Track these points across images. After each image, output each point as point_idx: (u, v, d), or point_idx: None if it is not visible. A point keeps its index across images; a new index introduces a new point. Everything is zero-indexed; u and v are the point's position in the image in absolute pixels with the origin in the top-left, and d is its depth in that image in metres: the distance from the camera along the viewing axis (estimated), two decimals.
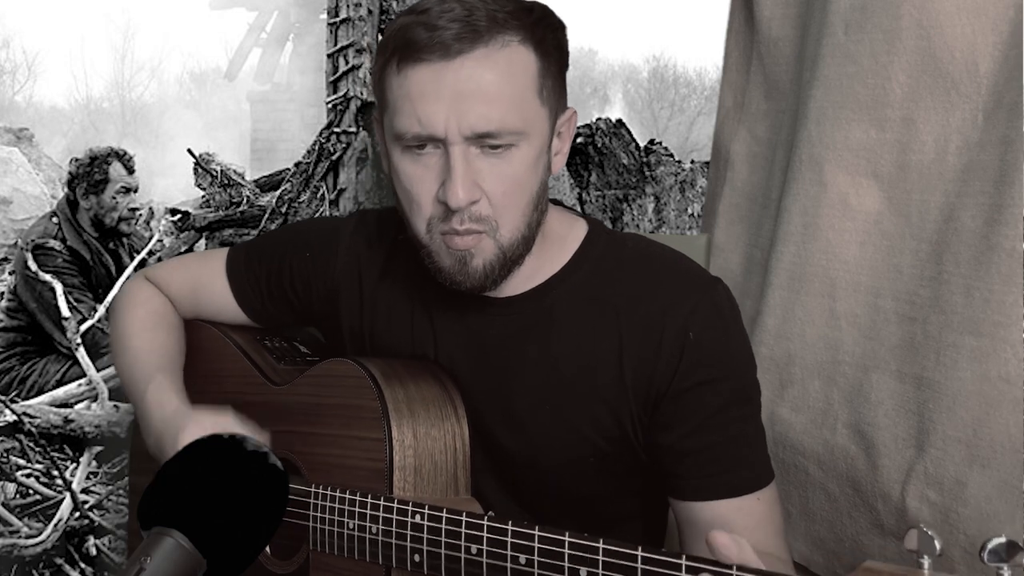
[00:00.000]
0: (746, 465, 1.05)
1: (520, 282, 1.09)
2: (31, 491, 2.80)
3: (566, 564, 0.89)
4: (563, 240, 1.11)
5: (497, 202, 0.99)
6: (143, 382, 1.18)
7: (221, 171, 5.41)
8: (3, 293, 3.93)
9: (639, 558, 0.84)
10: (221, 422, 1.08)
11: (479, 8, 0.97)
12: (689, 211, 4.86)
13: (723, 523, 1.01)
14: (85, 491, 2.80)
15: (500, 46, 0.97)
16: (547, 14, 1.02)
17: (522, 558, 0.92)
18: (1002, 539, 0.71)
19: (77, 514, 2.62)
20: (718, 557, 0.80)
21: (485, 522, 0.94)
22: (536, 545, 0.91)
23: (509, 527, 0.93)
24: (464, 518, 0.96)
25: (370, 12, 4.13)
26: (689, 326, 1.03)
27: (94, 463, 2.96)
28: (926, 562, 0.74)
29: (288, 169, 4.78)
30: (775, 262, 1.37)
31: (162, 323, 1.26)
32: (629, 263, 1.09)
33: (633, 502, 1.14)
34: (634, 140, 5.04)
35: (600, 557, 0.87)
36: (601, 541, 0.87)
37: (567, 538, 0.89)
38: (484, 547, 0.94)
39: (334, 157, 4.21)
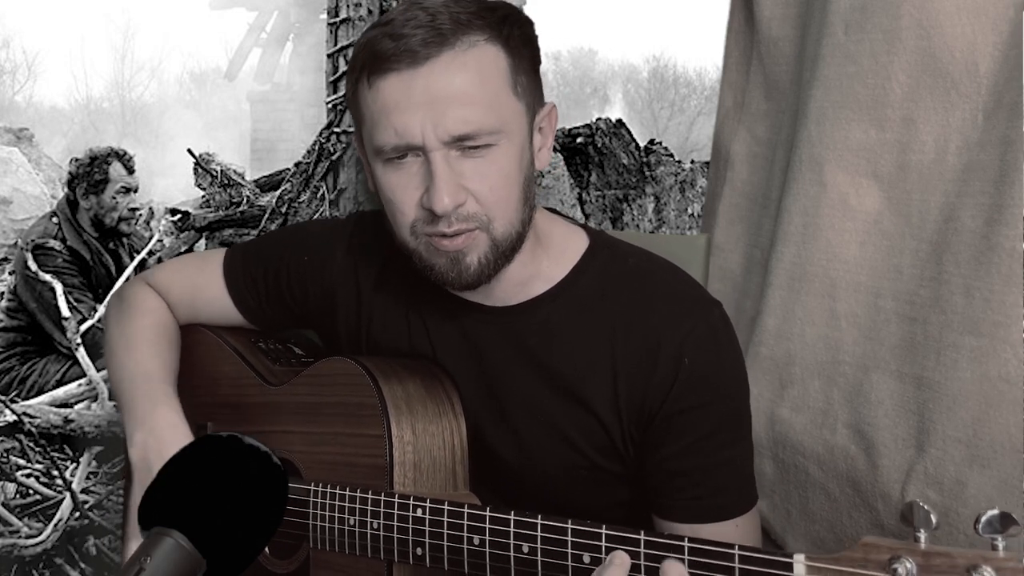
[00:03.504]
0: (728, 492, 1.06)
1: (517, 291, 1.09)
2: (31, 491, 2.80)
3: (569, 551, 0.90)
4: (562, 250, 1.11)
5: (485, 200, 0.99)
6: (151, 398, 1.16)
7: (221, 171, 5.41)
8: (3, 293, 3.93)
9: (642, 542, 0.85)
10: None
11: (442, 12, 0.97)
12: (689, 211, 4.86)
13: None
14: (85, 491, 2.80)
15: (467, 47, 0.97)
16: (512, 11, 1.03)
17: (525, 547, 0.92)
18: (996, 511, 0.72)
19: (77, 514, 2.63)
20: None
21: (487, 513, 0.95)
22: (539, 534, 0.91)
23: (511, 517, 0.94)
24: (466, 510, 0.96)
25: (370, 12, 4.13)
26: (684, 351, 1.03)
27: (94, 463, 2.96)
28: (923, 536, 0.75)
29: (288, 169, 4.78)
30: (775, 262, 1.37)
31: (166, 336, 1.25)
32: (629, 280, 1.09)
33: (622, 513, 1.14)
34: (634, 140, 5.03)
35: (603, 543, 0.87)
36: (604, 527, 0.88)
37: (569, 525, 0.90)
38: (487, 537, 0.95)
39: (334, 157, 4.20)
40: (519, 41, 1.02)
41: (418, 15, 0.97)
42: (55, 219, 3.76)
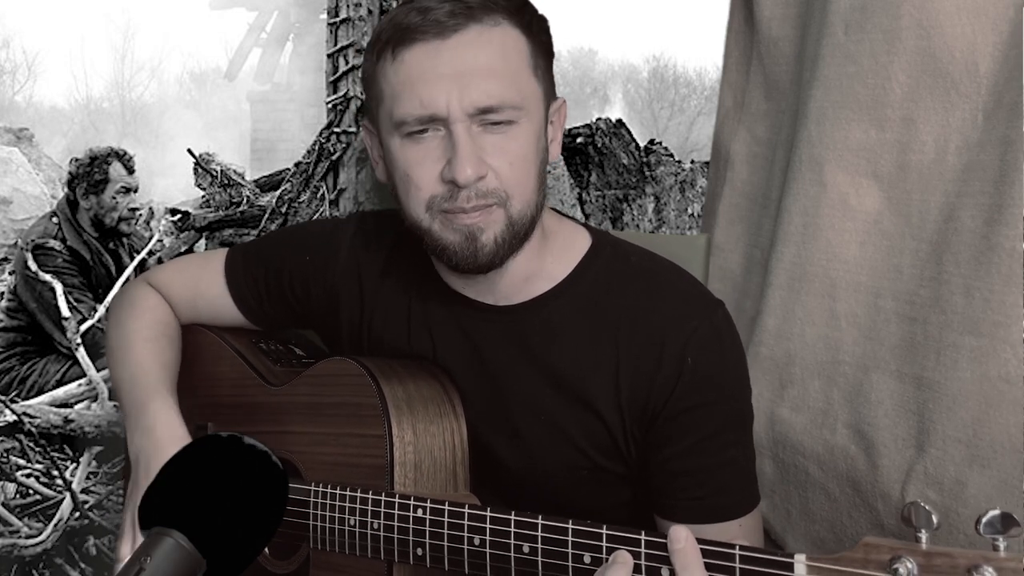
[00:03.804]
0: (731, 491, 1.06)
1: (520, 290, 1.09)
2: (31, 491, 2.80)
3: (569, 551, 0.89)
4: (565, 249, 1.11)
5: (505, 176, 1.00)
6: (145, 394, 1.17)
7: (221, 171, 5.41)
8: (3, 293, 3.93)
9: (642, 542, 0.85)
10: None
11: None
12: (689, 211, 4.86)
13: None
14: (85, 491, 2.80)
15: (493, 24, 0.99)
16: (529, 4, 1.05)
17: (525, 547, 0.92)
18: (997, 511, 0.72)
19: (77, 514, 2.62)
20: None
21: (488, 513, 0.95)
22: (539, 534, 0.91)
23: (512, 517, 0.93)
24: (467, 510, 0.96)
25: (370, 12, 4.13)
26: (688, 350, 1.04)
27: (94, 463, 2.96)
28: (924, 536, 0.75)
29: (288, 169, 4.78)
30: (775, 262, 1.37)
31: (165, 334, 1.25)
32: (632, 279, 1.09)
33: (624, 514, 1.14)
34: (634, 140, 5.03)
35: (604, 543, 0.87)
36: (604, 527, 0.88)
37: (570, 525, 0.90)
38: (487, 537, 0.95)
39: (334, 157, 4.21)
40: (537, 30, 1.04)
41: None
42: (55, 219, 3.76)
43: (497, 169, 0.99)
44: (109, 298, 3.57)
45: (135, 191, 3.87)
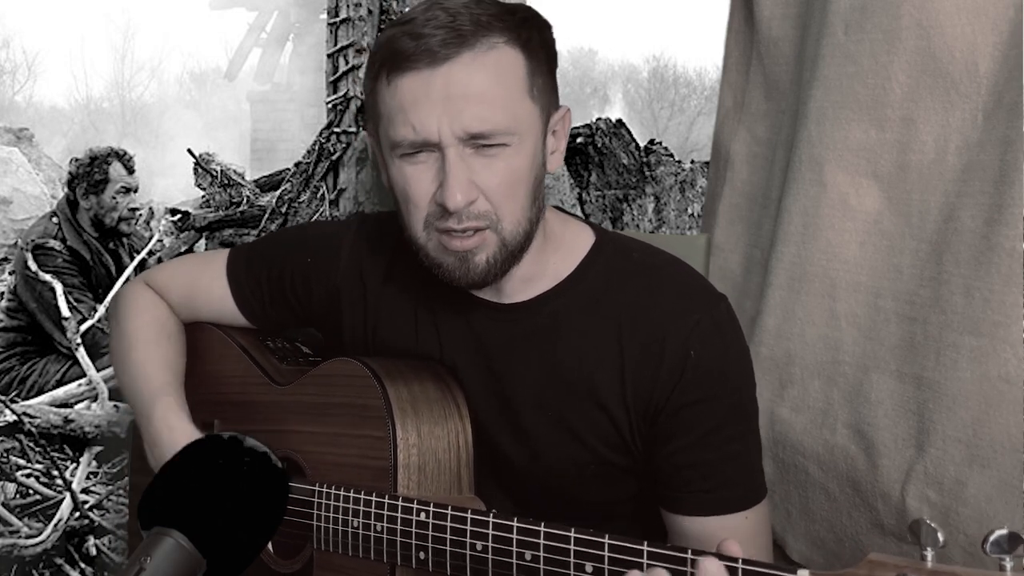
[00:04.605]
0: (736, 484, 1.06)
1: (525, 288, 1.10)
2: (31, 491, 2.80)
3: (571, 559, 0.89)
4: (570, 248, 1.11)
5: (495, 197, 1.00)
6: (149, 399, 1.18)
7: (221, 171, 5.42)
8: (3, 293, 3.93)
9: (645, 552, 0.85)
10: None
11: (463, 13, 0.98)
12: (689, 211, 4.86)
13: (710, 538, 1.01)
14: (85, 491, 2.80)
15: (487, 48, 0.98)
16: (532, 15, 1.04)
17: (528, 554, 0.92)
18: (1004, 531, 0.72)
19: (77, 514, 2.62)
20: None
21: (491, 519, 0.95)
22: (542, 541, 0.91)
23: (515, 523, 0.93)
24: (469, 515, 0.96)
25: (370, 12, 4.14)
26: (690, 344, 1.04)
27: (94, 463, 2.96)
28: (929, 554, 0.75)
29: (288, 169, 4.78)
30: (775, 262, 1.37)
31: (164, 332, 1.25)
32: (634, 274, 1.09)
33: (630, 507, 1.14)
34: (634, 140, 5.03)
35: (606, 553, 0.87)
36: (607, 536, 0.88)
37: (573, 534, 0.90)
38: (489, 543, 0.95)
39: (334, 157, 4.21)
40: (537, 44, 1.03)
41: (438, 15, 0.98)
42: (55, 219, 3.76)
43: (486, 189, 1.00)
44: (109, 298, 3.57)
45: (135, 191, 3.87)
